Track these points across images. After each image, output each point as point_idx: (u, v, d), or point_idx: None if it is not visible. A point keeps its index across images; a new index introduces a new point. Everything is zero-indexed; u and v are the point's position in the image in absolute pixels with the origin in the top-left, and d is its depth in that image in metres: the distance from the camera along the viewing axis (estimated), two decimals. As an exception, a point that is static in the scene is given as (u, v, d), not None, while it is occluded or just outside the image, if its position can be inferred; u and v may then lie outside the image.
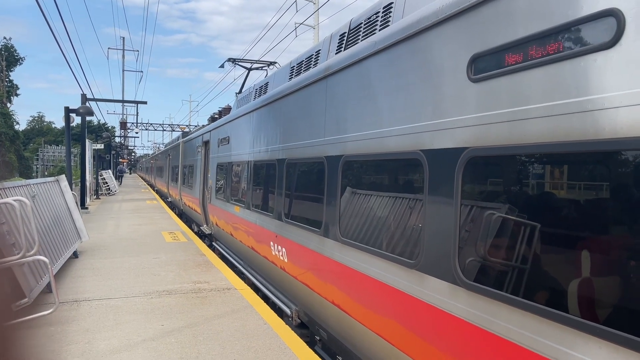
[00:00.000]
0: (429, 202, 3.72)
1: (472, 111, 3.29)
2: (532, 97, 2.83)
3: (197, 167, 17.16)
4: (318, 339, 6.38)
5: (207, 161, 15.20)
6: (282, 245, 7.31)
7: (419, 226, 3.84)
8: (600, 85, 2.46)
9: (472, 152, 3.27)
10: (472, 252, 3.27)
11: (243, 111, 10.35)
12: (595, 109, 2.47)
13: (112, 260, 10.44)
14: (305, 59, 7.68)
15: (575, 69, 2.60)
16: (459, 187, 3.36)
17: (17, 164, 55.31)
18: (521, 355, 2.80)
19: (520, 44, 2.93)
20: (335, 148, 5.54)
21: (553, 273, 2.81)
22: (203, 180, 15.64)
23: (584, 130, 2.52)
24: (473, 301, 3.19)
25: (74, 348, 5.53)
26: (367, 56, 4.82)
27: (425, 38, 3.85)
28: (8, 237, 6.40)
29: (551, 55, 2.72)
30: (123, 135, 65.02)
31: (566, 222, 2.78)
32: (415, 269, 3.83)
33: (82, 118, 20.79)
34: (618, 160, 2.49)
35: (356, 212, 5.03)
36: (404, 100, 4.14)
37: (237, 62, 15.38)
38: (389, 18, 5.15)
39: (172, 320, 6.52)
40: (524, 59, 2.89)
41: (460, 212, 3.37)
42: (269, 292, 8.13)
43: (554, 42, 2.72)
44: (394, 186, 4.51)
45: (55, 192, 10.11)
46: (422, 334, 3.74)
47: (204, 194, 15.48)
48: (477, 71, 3.27)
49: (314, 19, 23.52)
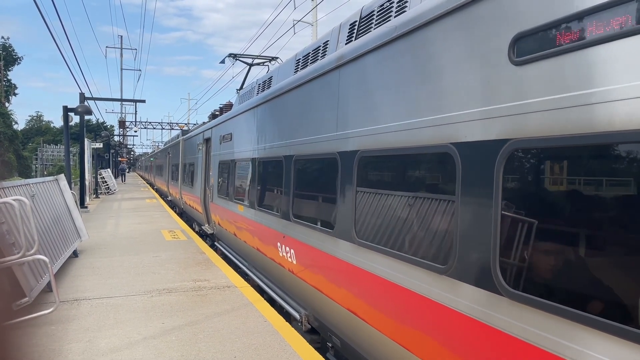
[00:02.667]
0: (462, 202, 3.35)
1: (514, 98, 2.90)
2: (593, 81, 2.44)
3: (198, 165, 16.80)
4: (330, 346, 5.97)
5: (208, 159, 14.91)
6: (290, 246, 6.92)
7: (451, 228, 3.45)
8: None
9: (514, 145, 2.90)
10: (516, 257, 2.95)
11: (246, 107, 9.97)
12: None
13: (112, 259, 10.45)
14: (312, 51, 7.32)
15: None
16: (499, 185, 3.00)
17: (16, 164, 55.27)
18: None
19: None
20: (349, 143, 5.15)
21: (612, 282, 2.45)
22: (204, 178, 15.35)
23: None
24: (516, 312, 2.84)
25: (75, 347, 5.54)
26: (391, 40, 4.36)
27: (465, 14, 3.39)
28: (8, 236, 6.41)
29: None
30: (122, 134, 65.01)
31: (629, 224, 2.36)
32: (447, 275, 3.46)
33: (80, 117, 20.75)
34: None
35: (375, 212, 4.58)
36: (434, 88, 3.72)
37: (238, 57, 15.09)
38: (405, 4, 4.75)
39: (172, 319, 6.53)
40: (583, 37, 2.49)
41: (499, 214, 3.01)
42: (275, 295, 7.86)
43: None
44: (421, 183, 4.10)
45: (55, 192, 10.11)
46: (454, 346, 3.38)
47: (205, 192, 15.11)
48: (520, 53, 2.89)
49: (313, 16, 23.49)
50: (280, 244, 7.38)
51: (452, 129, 3.46)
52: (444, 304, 3.49)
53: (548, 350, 2.59)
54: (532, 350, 2.69)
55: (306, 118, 6.53)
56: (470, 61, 3.30)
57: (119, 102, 49.22)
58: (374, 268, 4.51)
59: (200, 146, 16.46)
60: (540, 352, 2.63)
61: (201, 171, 15.90)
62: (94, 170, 29.89)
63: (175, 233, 14.57)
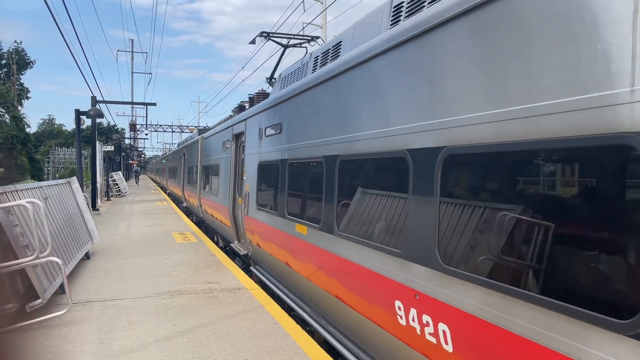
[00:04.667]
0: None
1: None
2: None
3: (224, 167, 13.86)
4: None
5: (238, 160, 12.25)
6: (436, 315, 3.84)
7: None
8: None
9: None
10: None
11: (316, 80, 6.65)
12: None
13: (124, 261, 10.52)
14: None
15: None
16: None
17: (29, 167, 55.83)
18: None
19: None
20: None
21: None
22: (234, 184, 12.52)
23: None
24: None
25: (88, 348, 5.58)
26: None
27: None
28: (21, 238, 6.48)
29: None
30: (132, 137, 65.52)
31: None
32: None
33: (92, 120, 20.93)
34: None
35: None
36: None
37: (272, 36, 12.36)
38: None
39: (183, 321, 6.56)
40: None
41: None
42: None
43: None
44: None
45: (67, 194, 10.21)
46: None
47: (234, 201, 12.33)
48: None
49: (322, 19, 23.51)
50: (403, 306, 4.29)
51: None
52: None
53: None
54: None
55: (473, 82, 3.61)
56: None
57: (130, 105, 49.63)
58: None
59: (227, 144, 13.42)
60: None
61: (230, 175, 12.84)
62: (105, 173, 30.14)
63: (186, 235, 14.63)
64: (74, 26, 15.98)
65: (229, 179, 12.85)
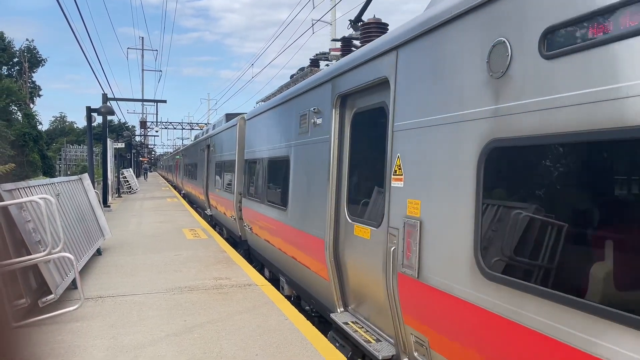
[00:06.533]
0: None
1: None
2: None
3: (305, 161, 7.54)
4: None
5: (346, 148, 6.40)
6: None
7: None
8: None
9: None
10: None
11: None
12: None
13: (135, 257, 10.59)
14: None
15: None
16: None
17: (41, 164, 56.41)
18: None
19: None
20: None
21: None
22: (337, 190, 6.37)
23: None
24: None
25: (100, 343, 5.62)
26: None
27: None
28: (34, 234, 6.53)
29: None
30: (143, 134, 65.90)
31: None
32: None
33: (103, 117, 21.09)
34: None
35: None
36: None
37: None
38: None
39: (194, 316, 6.58)
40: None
41: None
42: None
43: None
44: None
45: (79, 191, 10.28)
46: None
47: (337, 226, 6.30)
48: None
49: (331, 15, 23.42)
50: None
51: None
52: None
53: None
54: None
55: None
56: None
57: (140, 102, 49.89)
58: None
59: (317, 119, 6.96)
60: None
61: (331, 175, 6.38)
62: (116, 170, 30.36)
63: (196, 232, 14.70)
64: (84, 24, 16.13)
65: (331, 180, 6.41)
